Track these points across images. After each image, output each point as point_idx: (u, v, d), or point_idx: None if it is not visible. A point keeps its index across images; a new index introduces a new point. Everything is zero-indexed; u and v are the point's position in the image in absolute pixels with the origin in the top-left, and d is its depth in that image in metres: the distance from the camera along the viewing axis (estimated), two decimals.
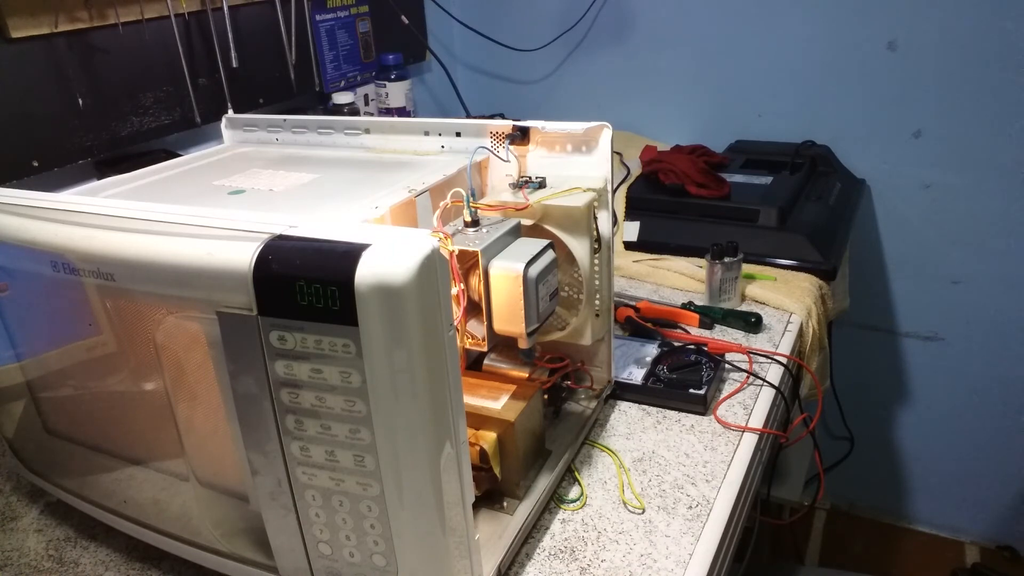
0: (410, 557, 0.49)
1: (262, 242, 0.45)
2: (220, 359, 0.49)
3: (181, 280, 0.48)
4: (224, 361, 0.48)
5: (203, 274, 0.47)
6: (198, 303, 0.48)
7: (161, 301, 0.51)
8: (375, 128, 0.80)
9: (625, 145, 1.52)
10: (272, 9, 1.25)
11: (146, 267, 0.50)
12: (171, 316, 0.51)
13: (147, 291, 0.51)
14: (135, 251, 0.50)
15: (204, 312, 0.48)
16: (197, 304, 0.48)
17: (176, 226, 0.50)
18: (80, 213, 0.54)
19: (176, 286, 0.49)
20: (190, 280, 0.48)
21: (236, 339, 0.47)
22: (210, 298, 0.47)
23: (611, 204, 0.71)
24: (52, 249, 0.54)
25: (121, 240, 0.51)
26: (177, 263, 0.48)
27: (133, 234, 0.51)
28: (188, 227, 0.49)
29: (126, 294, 0.52)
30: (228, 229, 0.48)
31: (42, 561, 0.68)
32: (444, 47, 1.74)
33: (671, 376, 0.84)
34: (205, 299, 0.47)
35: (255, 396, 0.48)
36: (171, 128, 1.13)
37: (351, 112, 1.37)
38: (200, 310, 0.48)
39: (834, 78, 1.45)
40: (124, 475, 0.62)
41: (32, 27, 0.94)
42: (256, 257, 0.45)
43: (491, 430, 0.64)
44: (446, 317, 0.46)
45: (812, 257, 1.10)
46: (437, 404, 0.46)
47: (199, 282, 0.47)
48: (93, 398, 0.62)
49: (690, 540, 0.65)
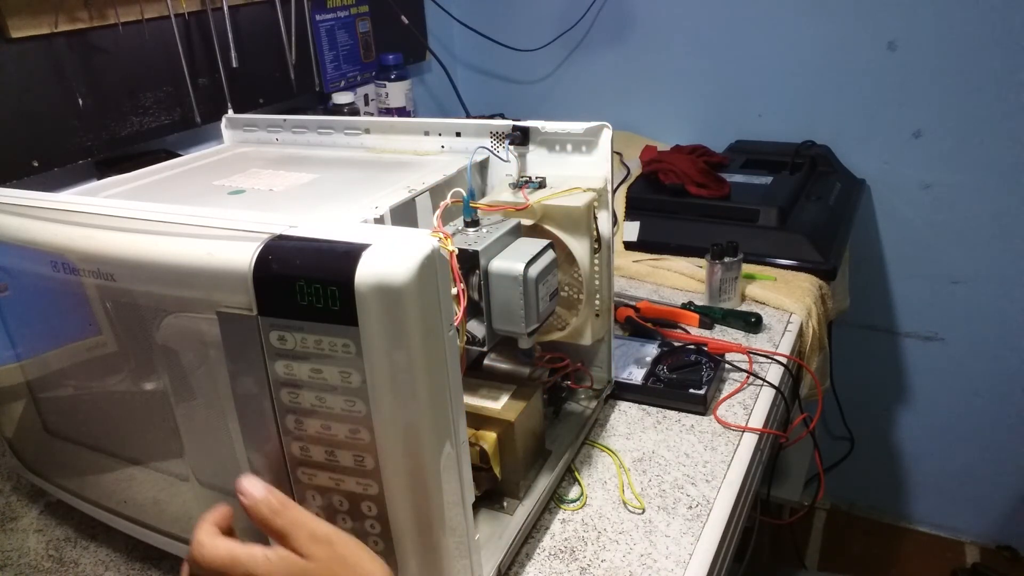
0: (410, 557, 0.49)
1: (262, 242, 0.45)
2: (220, 359, 0.49)
3: (181, 280, 0.48)
4: (224, 361, 0.48)
5: (203, 274, 0.47)
6: (198, 303, 0.48)
7: (161, 301, 0.51)
8: (375, 128, 0.80)
9: (625, 145, 1.52)
10: (272, 9, 1.25)
11: (146, 267, 0.50)
12: (171, 316, 0.51)
13: (147, 291, 0.51)
14: (135, 251, 0.50)
15: (204, 312, 0.48)
16: (197, 304, 0.48)
17: (176, 226, 0.50)
18: (80, 213, 0.54)
19: (176, 286, 0.49)
20: (190, 280, 0.48)
21: (236, 339, 0.47)
22: (210, 298, 0.47)
23: (611, 204, 0.71)
24: (52, 249, 0.54)
25: (121, 240, 0.51)
26: (177, 263, 0.48)
27: (133, 234, 0.51)
28: (188, 227, 0.49)
29: (126, 294, 0.52)
30: (228, 229, 0.48)
31: (42, 561, 0.68)
32: (444, 47, 1.74)
33: (671, 376, 0.84)
34: (205, 299, 0.47)
35: (255, 396, 0.48)
36: (171, 128, 1.13)
37: (351, 112, 1.37)
38: (200, 310, 0.48)
39: (834, 78, 1.45)
40: (124, 475, 0.62)
41: (32, 27, 0.94)
42: (256, 257, 0.45)
43: (491, 430, 0.64)
44: (446, 317, 0.46)
45: (812, 257, 1.10)
46: (437, 404, 0.46)
47: (199, 282, 0.47)
48: (93, 398, 0.62)
49: (690, 540, 0.65)
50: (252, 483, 0.47)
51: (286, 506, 0.46)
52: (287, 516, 0.46)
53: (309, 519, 0.46)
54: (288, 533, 0.45)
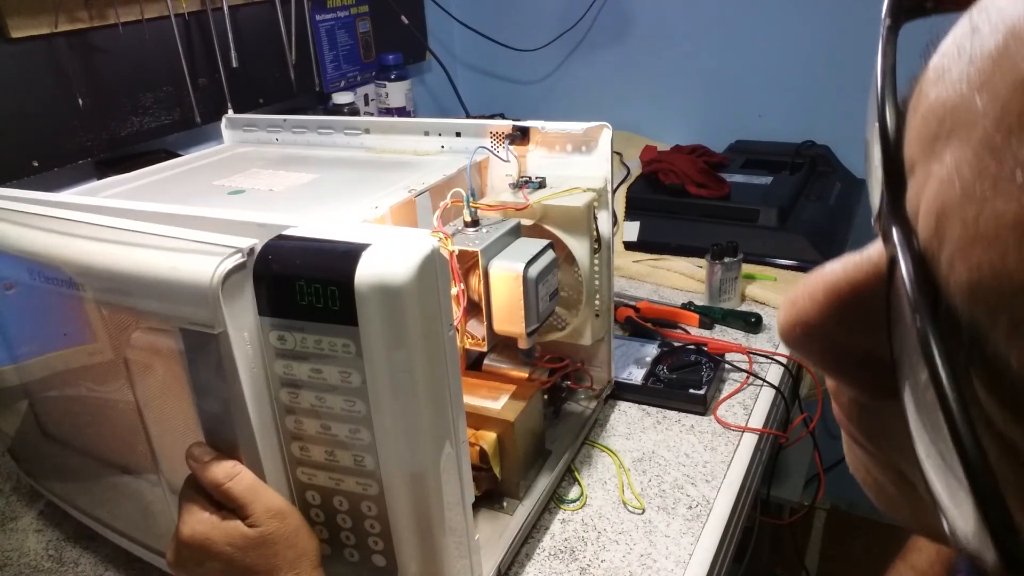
0: (410, 557, 0.49)
1: (225, 256, 0.44)
2: (184, 376, 0.48)
3: (145, 293, 0.47)
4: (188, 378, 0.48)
5: (166, 288, 0.45)
6: (163, 317, 0.47)
7: (127, 313, 0.50)
8: (375, 128, 0.80)
9: (625, 145, 1.52)
10: (272, 9, 1.25)
11: (109, 278, 0.48)
12: (139, 330, 0.50)
13: (112, 302, 0.50)
14: (98, 261, 0.49)
15: (169, 327, 0.47)
16: (162, 318, 0.47)
17: (145, 236, 0.48)
18: (49, 219, 0.53)
19: (140, 299, 0.47)
20: (154, 294, 0.46)
21: (199, 357, 0.46)
22: (174, 313, 0.45)
23: (611, 204, 0.71)
24: (25, 256, 0.53)
25: (86, 249, 0.50)
26: (140, 275, 0.46)
27: (99, 243, 0.49)
28: (156, 238, 0.47)
29: (95, 304, 0.51)
30: (196, 242, 0.46)
31: (42, 561, 0.68)
32: (444, 47, 1.73)
33: (671, 376, 0.83)
34: (169, 314, 0.46)
35: (218, 416, 0.47)
36: (171, 128, 1.13)
37: (351, 112, 1.37)
38: (165, 325, 0.47)
39: (834, 78, 1.45)
40: (110, 486, 0.61)
41: (32, 27, 0.94)
42: (256, 256, 0.45)
43: (491, 430, 0.64)
44: (446, 317, 0.46)
45: (812, 257, 1.10)
46: (437, 404, 0.46)
47: (162, 296, 0.46)
48: (75, 406, 0.61)
49: (690, 540, 0.65)
50: (204, 449, 0.48)
51: (242, 474, 0.47)
52: (244, 483, 0.47)
53: (265, 490, 0.47)
54: (246, 502, 0.46)
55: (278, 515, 0.47)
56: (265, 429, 0.48)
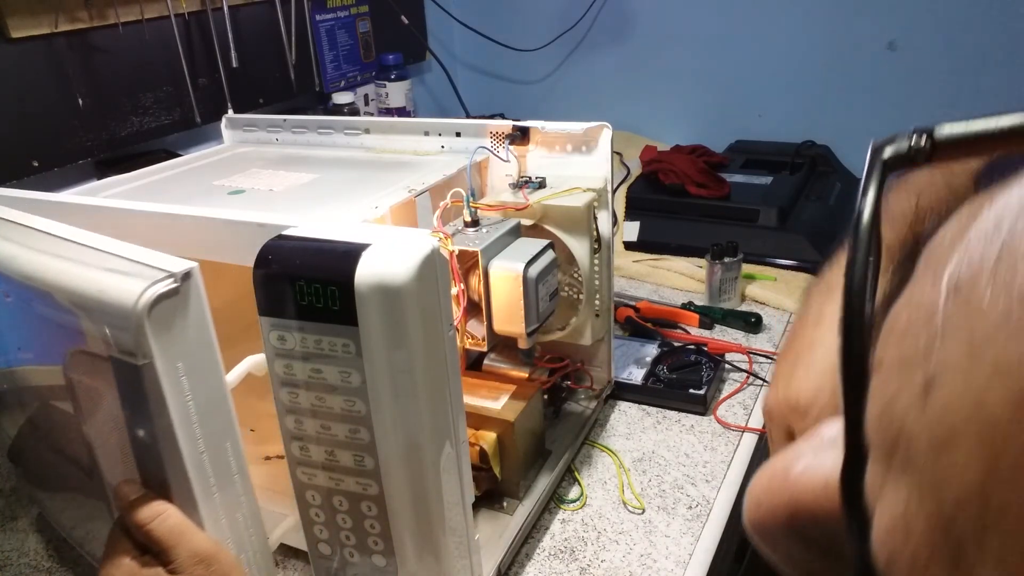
0: (410, 557, 0.49)
1: (154, 281, 0.41)
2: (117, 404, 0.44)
3: (78, 311, 0.43)
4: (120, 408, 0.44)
5: (96, 309, 0.41)
6: (95, 339, 0.43)
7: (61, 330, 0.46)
8: (375, 128, 0.80)
9: (625, 145, 1.52)
10: (272, 9, 1.25)
11: (46, 293, 0.45)
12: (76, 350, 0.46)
13: (52, 318, 0.46)
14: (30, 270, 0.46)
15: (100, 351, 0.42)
16: (94, 341, 0.43)
17: (83, 250, 0.45)
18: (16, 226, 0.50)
19: (70, 316, 0.44)
20: (84, 314, 0.43)
21: (128, 387, 0.42)
22: (105, 337, 0.41)
23: (611, 204, 0.71)
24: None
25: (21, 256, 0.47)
26: (71, 291, 0.43)
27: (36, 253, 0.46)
28: (93, 252, 0.44)
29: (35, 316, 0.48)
30: (132, 261, 0.42)
31: (42, 561, 0.68)
32: (444, 47, 1.73)
33: (671, 376, 0.83)
34: (101, 337, 0.42)
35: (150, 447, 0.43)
36: (171, 128, 1.13)
37: (351, 112, 1.37)
38: (97, 348, 0.43)
39: (834, 78, 1.45)
40: (80, 503, 0.61)
41: (32, 27, 0.94)
42: (257, 256, 0.45)
43: (491, 430, 0.64)
44: (446, 317, 0.46)
45: (812, 257, 1.10)
46: (437, 404, 0.46)
47: (92, 317, 0.42)
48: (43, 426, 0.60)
49: (690, 540, 0.65)
50: (132, 487, 0.44)
51: (166, 513, 0.44)
52: (167, 524, 0.43)
53: (193, 532, 0.44)
54: (170, 546, 0.43)
55: (204, 561, 0.43)
56: (201, 467, 0.44)
